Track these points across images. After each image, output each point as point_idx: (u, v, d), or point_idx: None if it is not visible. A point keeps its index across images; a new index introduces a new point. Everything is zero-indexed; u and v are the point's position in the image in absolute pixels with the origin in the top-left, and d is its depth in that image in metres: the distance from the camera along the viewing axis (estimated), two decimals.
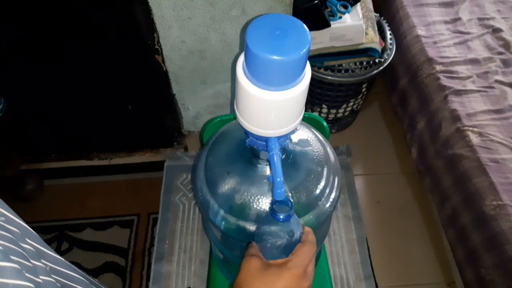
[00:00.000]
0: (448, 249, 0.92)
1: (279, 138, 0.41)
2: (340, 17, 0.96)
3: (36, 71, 0.91)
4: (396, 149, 1.22)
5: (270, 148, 0.40)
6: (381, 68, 1.02)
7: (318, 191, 0.49)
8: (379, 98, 1.34)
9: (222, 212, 0.49)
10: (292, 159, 0.48)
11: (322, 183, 0.49)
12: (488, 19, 1.14)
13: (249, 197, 0.47)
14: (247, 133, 0.42)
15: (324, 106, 1.14)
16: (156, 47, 0.88)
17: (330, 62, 1.01)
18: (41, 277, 0.23)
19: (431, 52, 1.05)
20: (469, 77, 1.00)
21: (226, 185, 0.48)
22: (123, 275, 0.97)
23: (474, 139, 0.88)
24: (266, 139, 0.41)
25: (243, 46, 0.50)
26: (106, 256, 1.00)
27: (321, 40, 0.97)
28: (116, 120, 1.09)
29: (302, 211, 0.48)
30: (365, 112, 1.30)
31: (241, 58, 0.36)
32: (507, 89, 0.97)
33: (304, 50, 0.32)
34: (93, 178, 1.15)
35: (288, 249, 0.37)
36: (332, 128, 1.24)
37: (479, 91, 0.97)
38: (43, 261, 0.25)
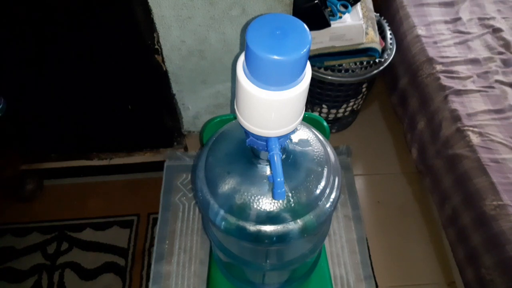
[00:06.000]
0: (448, 249, 0.92)
1: (279, 138, 0.41)
2: (340, 17, 0.96)
3: (36, 70, 0.91)
4: (396, 149, 1.22)
5: (270, 148, 0.40)
6: (381, 68, 1.02)
7: (318, 191, 0.49)
8: (379, 98, 1.34)
9: (222, 212, 0.49)
10: (292, 159, 0.48)
11: (322, 183, 0.49)
12: (488, 19, 1.14)
13: (249, 197, 0.47)
14: (247, 133, 0.42)
15: (324, 106, 1.14)
16: (156, 47, 0.88)
17: (330, 62, 1.01)
18: None
19: (431, 52, 1.05)
20: (469, 77, 1.00)
21: (226, 185, 0.48)
22: (123, 275, 0.97)
23: (475, 139, 0.88)
24: (266, 139, 0.41)
25: (243, 46, 0.50)
26: (106, 256, 1.00)
27: (321, 40, 0.97)
28: (116, 120, 1.09)
29: (302, 211, 0.48)
30: (365, 112, 1.30)
31: (241, 58, 0.36)
32: (507, 89, 0.97)
33: (305, 50, 0.32)
34: (93, 178, 1.15)
35: None
36: (332, 128, 1.24)
37: (479, 91, 0.97)
38: None
